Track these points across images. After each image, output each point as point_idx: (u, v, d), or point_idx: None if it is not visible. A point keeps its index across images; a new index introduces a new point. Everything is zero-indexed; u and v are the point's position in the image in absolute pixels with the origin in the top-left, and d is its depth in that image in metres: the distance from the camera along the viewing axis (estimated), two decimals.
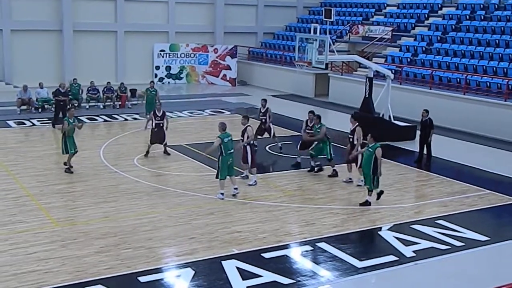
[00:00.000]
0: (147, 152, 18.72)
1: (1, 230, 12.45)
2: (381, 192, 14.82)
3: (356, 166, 16.25)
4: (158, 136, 18.58)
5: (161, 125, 18.62)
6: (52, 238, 12.11)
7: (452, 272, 11.33)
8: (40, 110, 26.00)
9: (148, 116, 20.47)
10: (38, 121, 24.12)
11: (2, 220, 13.04)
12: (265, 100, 20.01)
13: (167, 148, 19.03)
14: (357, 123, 16.83)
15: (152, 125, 18.61)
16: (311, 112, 18.06)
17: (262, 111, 19.76)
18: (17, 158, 18.35)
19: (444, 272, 11.31)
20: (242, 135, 15.94)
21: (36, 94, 26.22)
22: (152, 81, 25.65)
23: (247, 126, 15.96)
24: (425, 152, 19.33)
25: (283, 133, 22.66)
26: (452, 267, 11.52)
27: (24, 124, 23.65)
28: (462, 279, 11.08)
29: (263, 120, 19.71)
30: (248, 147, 16.04)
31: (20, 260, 10.98)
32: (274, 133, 19.88)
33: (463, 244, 12.52)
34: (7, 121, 23.76)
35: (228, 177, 14.88)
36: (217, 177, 14.84)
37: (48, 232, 12.43)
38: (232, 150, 14.87)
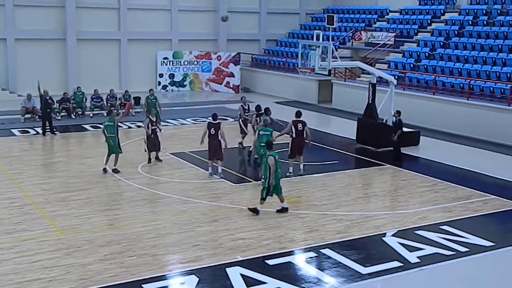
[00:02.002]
0: (149, 159, 18.82)
1: (5, 239, 12.48)
2: (285, 209, 14.40)
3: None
4: (153, 143, 18.81)
5: (156, 131, 18.83)
6: (56, 246, 12.13)
7: (457, 277, 11.31)
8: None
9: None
10: (42, 129, 24.12)
11: (6, 228, 13.07)
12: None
13: (159, 155, 19.21)
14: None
15: (149, 132, 18.74)
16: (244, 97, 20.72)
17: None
18: (21, 167, 18.39)
19: (449, 277, 11.28)
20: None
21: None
22: (152, 89, 25.67)
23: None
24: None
25: (285, 140, 22.68)
26: (457, 273, 11.49)
27: (29, 132, 23.72)
28: (467, 284, 11.06)
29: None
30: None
31: (25, 268, 11.00)
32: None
33: (468, 249, 12.49)
34: (12, 130, 23.83)
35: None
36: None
37: (52, 240, 12.45)
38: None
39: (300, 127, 17.78)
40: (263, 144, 16.36)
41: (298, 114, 18.03)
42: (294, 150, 17.88)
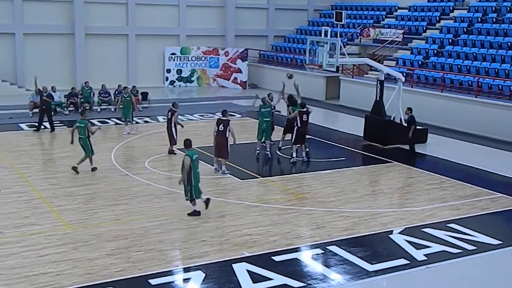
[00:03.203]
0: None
1: (13, 233, 12.54)
2: (208, 200, 13.98)
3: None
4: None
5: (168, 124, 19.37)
6: (64, 240, 12.17)
7: (464, 276, 11.28)
8: (52, 113, 26.09)
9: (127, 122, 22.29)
10: (38, 124, 24.20)
11: (14, 222, 13.13)
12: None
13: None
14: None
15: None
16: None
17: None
18: (29, 161, 18.47)
19: (456, 276, 11.25)
20: None
21: None
22: (126, 87, 25.62)
23: None
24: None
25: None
26: (464, 271, 11.46)
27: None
28: (474, 283, 11.02)
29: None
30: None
31: (32, 262, 11.05)
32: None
33: (475, 247, 12.45)
34: (20, 124, 23.91)
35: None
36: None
37: (60, 234, 12.50)
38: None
39: (305, 118, 18.76)
40: (267, 119, 19.37)
41: (303, 105, 19.08)
42: (298, 139, 18.86)
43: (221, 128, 17.09)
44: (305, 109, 18.99)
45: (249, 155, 19.96)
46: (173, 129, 19.25)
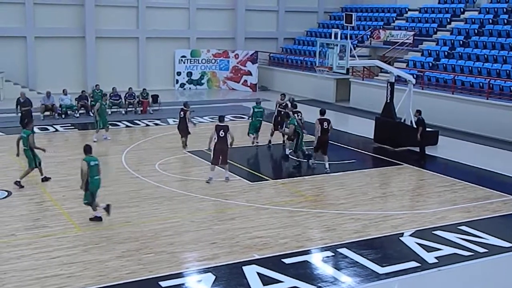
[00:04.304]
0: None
1: (25, 235, 12.61)
2: (108, 206, 13.49)
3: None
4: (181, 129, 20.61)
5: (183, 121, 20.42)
6: (74, 242, 12.22)
7: (475, 278, 11.23)
8: (63, 116, 26.32)
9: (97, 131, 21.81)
10: (61, 127, 24.41)
11: (26, 224, 13.21)
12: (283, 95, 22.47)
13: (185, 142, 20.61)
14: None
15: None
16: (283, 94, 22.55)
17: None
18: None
19: (467, 278, 11.20)
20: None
21: (60, 100, 26.59)
22: (105, 94, 25.77)
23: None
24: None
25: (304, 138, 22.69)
26: (475, 274, 11.40)
27: (48, 130, 23.93)
28: (485, 285, 10.97)
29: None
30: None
31: (43, 264, 11.10)
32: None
33: (487, 250, 12.38)
34: None
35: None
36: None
37: (70, 236, 12.56)
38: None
39: (325, 125, 18.03)
40: (259, 118, 21.27)
41: (323, 112, 18.43)
42: (319, 147, 18.10)
43: (221, 134, 16.56)
44: (324, 116, 18.20)
45: (259, 157, 19.96)
46: (187, 125, 20.47)
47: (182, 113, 20.47)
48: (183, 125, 20.49)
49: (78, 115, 26.69)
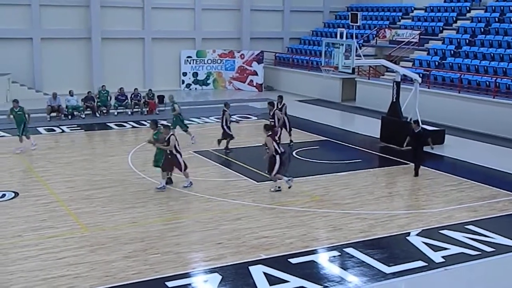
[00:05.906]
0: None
1: (31, 235, 12.65)
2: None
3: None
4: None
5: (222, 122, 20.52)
6: (81, 243, 12.25)
7: (482, 278, 11.18)
8: (69, 117, 26.40)
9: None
10: (67, 128, 24.47)
11: (32, 225, 13.25)
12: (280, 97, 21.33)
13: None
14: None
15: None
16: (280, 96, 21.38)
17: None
18: (47, 164, 18.63)
19: (474, 278, 11.16)
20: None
21: (66, 101, 26.67)
22: (16, 100, 21.60)
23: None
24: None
25: (309, 138, 22.68)
26: (482, 273, 11.36)
27: (54, 131, 24.00)
28: (492, 285, 10.92)
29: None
30: None
31: (50, 265, 11.13)
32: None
33: (494, 249, 12.32)
34: (38, 128, 24.09)
35: None
36: None
37: (77, 237, 12.58)
38: None
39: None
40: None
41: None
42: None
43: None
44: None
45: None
46: (225, 126, 20.35)
47: (222, 113, 20.59)
48: (224, 127, 20.42)
49: (84, 116, 26.75)
